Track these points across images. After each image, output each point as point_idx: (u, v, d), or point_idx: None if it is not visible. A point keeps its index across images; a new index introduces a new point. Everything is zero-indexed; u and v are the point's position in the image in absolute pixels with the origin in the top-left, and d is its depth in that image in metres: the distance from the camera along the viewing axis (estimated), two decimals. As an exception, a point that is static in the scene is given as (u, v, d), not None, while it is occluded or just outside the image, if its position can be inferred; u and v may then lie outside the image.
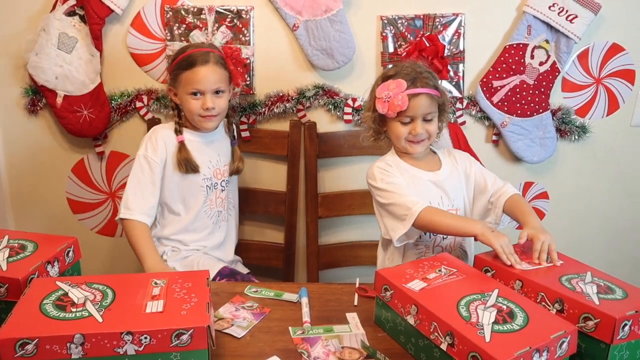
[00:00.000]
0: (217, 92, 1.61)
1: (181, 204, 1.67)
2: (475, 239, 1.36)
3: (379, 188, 1.46)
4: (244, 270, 1.79)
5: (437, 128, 1.48)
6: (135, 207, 1.57)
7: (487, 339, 0.93)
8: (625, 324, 1.00)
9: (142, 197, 1.59)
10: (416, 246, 1.50)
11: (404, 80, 1.41)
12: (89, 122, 1.86)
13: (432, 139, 1.48)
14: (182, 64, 1.60)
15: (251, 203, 1.94)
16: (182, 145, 1.64)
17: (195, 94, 1.59)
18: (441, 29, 1.84)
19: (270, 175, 1.98)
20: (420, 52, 1.81)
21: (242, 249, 1.93)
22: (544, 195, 2.08)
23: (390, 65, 1.54)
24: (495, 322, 0.98)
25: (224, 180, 1.73)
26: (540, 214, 2.10)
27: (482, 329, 0.96)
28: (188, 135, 1.66)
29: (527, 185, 2.06)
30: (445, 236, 1.49)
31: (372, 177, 1.48)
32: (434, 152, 1.56)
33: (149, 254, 1.52)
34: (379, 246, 1.62)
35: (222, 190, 1.73)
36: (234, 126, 1.82)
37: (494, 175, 1.54)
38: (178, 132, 1.65)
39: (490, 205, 1.50)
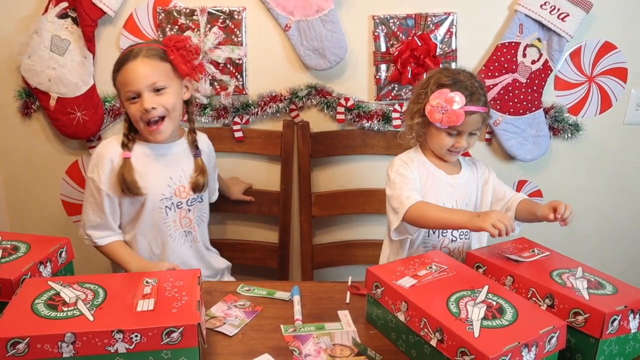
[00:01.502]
0: (156, 89, 1.41)
1: (134, 229, 1.51)
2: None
3: (390, 178, 1.48)
4: (230, 279, 1.73)
5: (475, 140, 1.49)
6: (95, 234, 1.48)
7: (476, 334, 0.94)
8: (615, 319, 1.01)
9: (98, 221, 1.47)
10: (424, 245, 1.50)
11: (463, 94, 1.38)
12: (82, 124, 1.86)
13: (468, 149, 1.50)
14: (114, 67, 1.44)
15: (245, 203, 1.94)
16: (125, 163, 1.44)
17: (133, 97, 1.40)
18: (433, 28, 1.85)
19: (264, 175, 1.99)
20: (412, 52, 1.81)
21: (237, 249, 1.93)
22: (537, 194, 2.08)
23: (442, 67, 1.54)
24: (485, 318, 0.98)
25: (190, 199, 1.53)
26: (534, 212, 2.10)
27: (472, 324, 0.96)
28: (142, 149, 1.48)
29: (521, 184, 2.06)
30: (454, 239, 1.50)
31: (391, 167, 1.50)
32: None
33: (130, 259, 1.47)
34: (384, 244, 1.62)
35: (190, 210, 1.54)
36: (196, 134, 1.58)
37: (512, 190, 1.58)
38: (125, 146, 1.46)
39: (506, 210, 1.51)
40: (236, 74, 1.85)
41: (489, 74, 1.90)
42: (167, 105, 1.42)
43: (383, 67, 1.88)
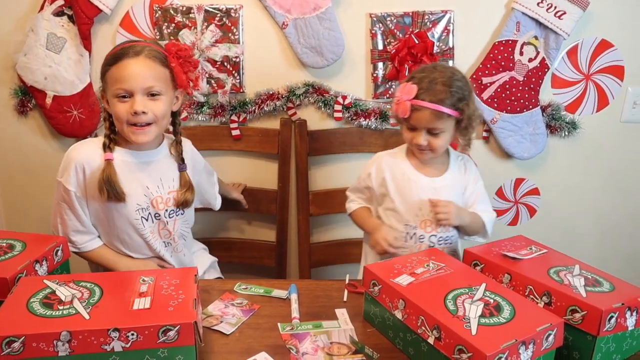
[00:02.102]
0: (151, 94, 1.33)
1: (106, 237, 1.45)
2: None
3: (360, 175, 1.58)
4: (216, 273, 1.69)
5: (445, 143, 1.43)
6: (77, 239, 1.41)
7: (474, 332, 0.94)
8: (612, 316, 1.01)
9: (75, 226, 1.40)
10: (402, 250, 1.47)
11: (416, 87, 1.35)
12: (78, 122, 1.85)
13: (437, 152, 1.43)
14: (109, 59, 1.34)
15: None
16: (107, 165, 1.35)
17: (123, 96, 1.32)
18: (430, 26, 1.85)
19: (261, 174, 1.98)
20: (409, 50, 1.81)
21: (234, 247, 1.93)
22: (534, 192, 2.08)
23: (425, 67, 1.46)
24: (482, 316, 0.98)
25: (169, 211, 1.45)
26: (532, 211, 2.11)
27: (469, 322, 0.96)
28: (120, 155, 1.39)
29: (518, 182, 2.06)
30: (431, 244, 1.47)
31: (368, 165, 1.56)
32: (448, 154, 1.53)
33: (118, 259, 1.44)
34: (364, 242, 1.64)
35: (168, 223, 1.46)
36: (182, 147, 1.49)
37: (487, 204, 1.54)
38: (107, 147, 1.37)
39: None
40: (233, 72, 1.84)
41: (486, 72, 1.90)
42: (158, 113, 1.34)
43: (380, 65, 1.88)
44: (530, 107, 1.94)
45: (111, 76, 1.33)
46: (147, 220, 1.42)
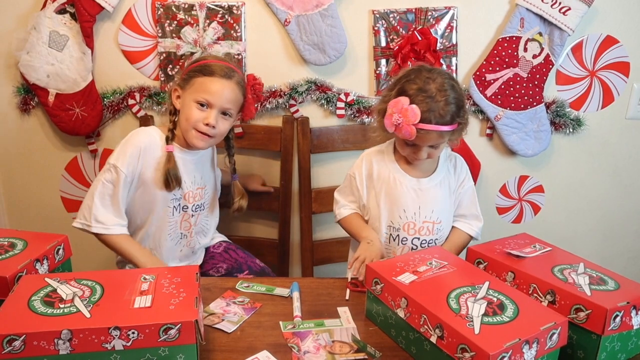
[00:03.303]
0: (225, 113, 1.50)
1: (139, 222, 1.54)
2: None
3: (347, 174, 1.55)
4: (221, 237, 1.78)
5: (441, 150, 1.42)
6: (108, 220, 1.45)
7: (477, 331, 0.93)
8: (617, 315, 1.00)
9: (112, 209, 1.46)
10: (387, 250, 1.49)
11: (419, 110, 1.29)
12: (81, 120, 1.85)
13: (434, 158, 1.43)
14: (204, 68, 1.48)
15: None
16: (170, 156, 1.49)
17: (202, 105, 1.47)
18: (433, 22, 1.84)
19: (264, 171, 1.98)
20: (412, 46, 1.80)
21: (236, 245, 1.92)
22: (539, 189, 2.07)
23: (414, 71, 1.37)
24: (485, 314, 0.97)
25: (196, 206, 1.59)
26: (536, 208, 2.09)
27: (472, 321, 0.95)
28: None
29: (522, 179, 2.05)
30: (414, 247, 1.47)
31: (355, 163, 1.54)
32: None
33: (139, 253, 1.46)
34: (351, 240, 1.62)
35: (192, 216, 1.59)
36: (234, 159, 1.69)
37: (474, 207, 1.52)
38: (169, 140, 1.51)
39: None
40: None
41: (490, 68, 1.89)
42: (222, 130, 1.51)
43: (383, 62, 1.87)
44: (535, 103, 1.92)
45: (200, 84, 1.47)
46: (176, 210, 1.55)
